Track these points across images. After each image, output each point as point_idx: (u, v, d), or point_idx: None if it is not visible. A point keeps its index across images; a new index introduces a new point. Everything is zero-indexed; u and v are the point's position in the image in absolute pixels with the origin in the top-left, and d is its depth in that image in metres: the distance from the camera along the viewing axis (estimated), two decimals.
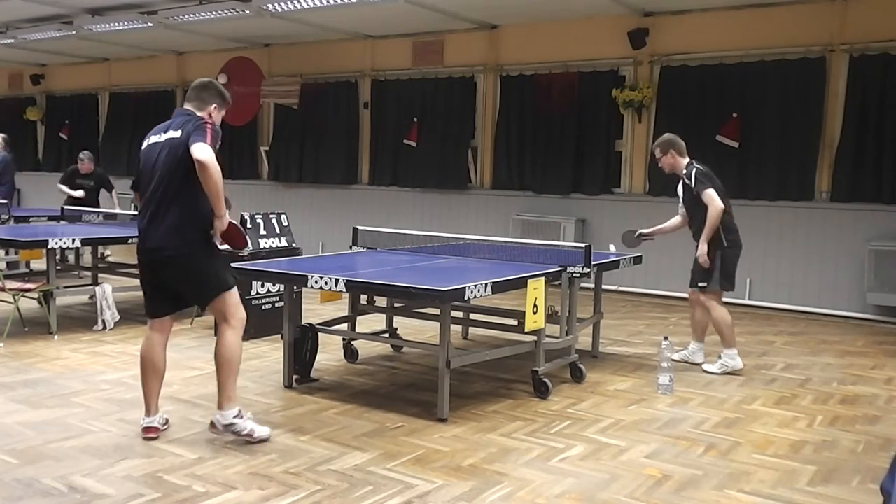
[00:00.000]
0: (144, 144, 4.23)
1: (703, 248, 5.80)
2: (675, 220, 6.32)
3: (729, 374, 5.85)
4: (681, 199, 6.17)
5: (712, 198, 5.72)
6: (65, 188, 10.49)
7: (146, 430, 4.23)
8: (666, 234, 6.43)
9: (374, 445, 4.20)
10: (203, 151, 3.86)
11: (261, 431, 4.19)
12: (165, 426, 4.34)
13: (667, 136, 6.16)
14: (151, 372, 4.23)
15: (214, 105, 4.22)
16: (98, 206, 10.42)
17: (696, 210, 5.93)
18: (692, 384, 5.59)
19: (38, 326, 6.87)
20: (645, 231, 6.43)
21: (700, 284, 5.94)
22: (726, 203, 5.84)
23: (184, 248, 4.04)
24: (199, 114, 4.14)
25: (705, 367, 5.98)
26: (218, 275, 4.18)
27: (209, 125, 4.03)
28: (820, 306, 8.52)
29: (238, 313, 4.18)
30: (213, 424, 4.16)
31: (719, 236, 5.83)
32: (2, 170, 11.09)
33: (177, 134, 4.04)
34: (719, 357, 5.95)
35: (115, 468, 3.79)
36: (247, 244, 4.65)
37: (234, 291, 4.20)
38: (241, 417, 4.15)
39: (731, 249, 5.91)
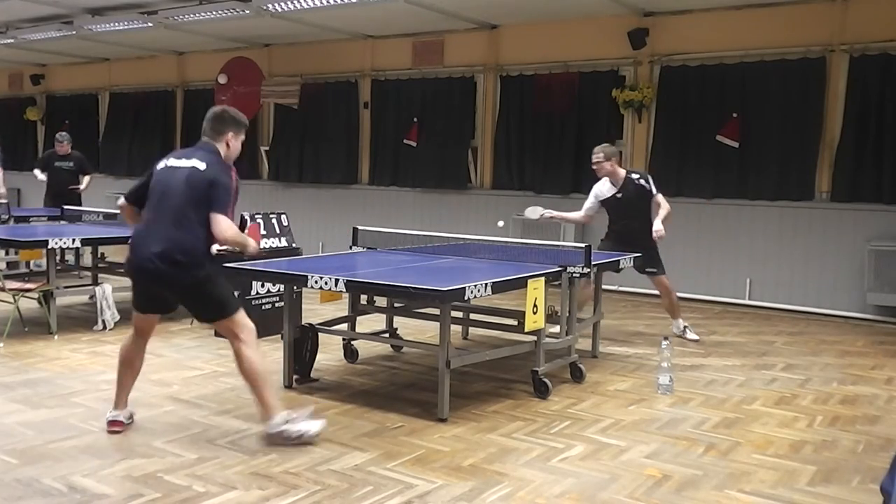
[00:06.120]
0: (162, 165, 4.24)
1: (662, 227, 6.57)
2: (579, 214, 7.06)
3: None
4: (593, 198, 6.90)
5: (663, 199, 6.76)
6: (37, 173, 10.46)
7: (111, 423, 4.31)
8: (570, 224, 7.22)
9: (374, 445, 4.20)
10: (225, 229, 3.99)
11: (314, 426, 4.17)
12: (130, 421, 4.42)
13: (610, 146, 6.93)
14: (128, 368, 4.35)
15: (231, 132, 4.26)
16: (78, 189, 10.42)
17: (641, 208, 6.73)
18: (692, 384, 5.59)
19: (38, 326, 6.87)
20: (550, 213, 6.92)
21: (649, 270, 6.75)
22: None
23: (194, 270, 4.04)
24: (217, 145, 4.21)
25: (689, 335, 6.96)
26: (221, 300, 4.16)
27: (231, 180, 4.09)
28: (820, 306, 8.52)
29: (245, 328, 4.16)
30: (267, 437, 4.13)
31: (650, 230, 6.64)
32: None
33: (201, 166, 4.08)
34: (684, 329, 7.02)
35: (115, 468, 3.80)
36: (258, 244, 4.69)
37: (239, 312, 4.18)
38: (289, 421, 4.11)
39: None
